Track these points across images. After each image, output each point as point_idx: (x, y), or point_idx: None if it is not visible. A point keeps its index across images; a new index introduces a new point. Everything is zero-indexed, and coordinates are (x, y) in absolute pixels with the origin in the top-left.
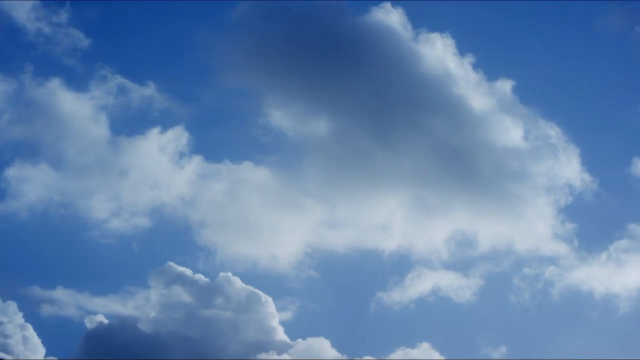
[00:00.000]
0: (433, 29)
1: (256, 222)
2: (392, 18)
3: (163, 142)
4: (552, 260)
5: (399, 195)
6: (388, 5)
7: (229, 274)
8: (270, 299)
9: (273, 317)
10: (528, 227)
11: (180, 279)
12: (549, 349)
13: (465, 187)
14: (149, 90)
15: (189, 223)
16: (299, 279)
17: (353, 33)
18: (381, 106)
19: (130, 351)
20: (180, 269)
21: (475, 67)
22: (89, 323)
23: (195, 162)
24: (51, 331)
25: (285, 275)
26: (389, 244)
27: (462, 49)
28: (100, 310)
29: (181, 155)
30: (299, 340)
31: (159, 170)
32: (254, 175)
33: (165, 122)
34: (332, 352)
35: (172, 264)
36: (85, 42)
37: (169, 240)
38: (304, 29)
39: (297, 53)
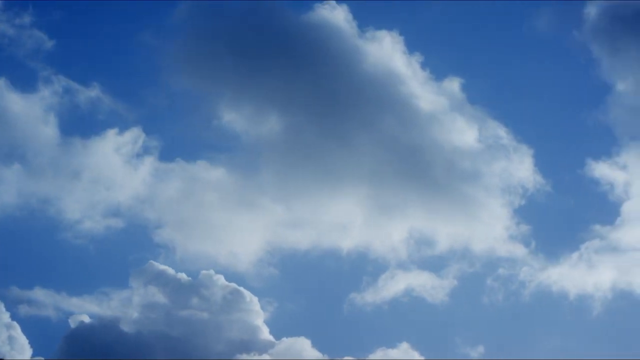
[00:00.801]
0: (380, 27)
1: (214, 221)
2: (337, 15)
3: (115, 143)
4: (511, 261)
5: (356, 194)
6: (332, 2)
7: (212, 271)
8: (255, 298)
9: (258, 315)
10: (484, 228)
11: (161, 277)
12: (525, 348)
13: (420, 187)
14: (95, 92)
15: (146, 223)
16: (260, 277)
17: (297, 31)
18: (330, 104)
19: (113, 351)
20: (162, 267)
21: (424, 65)
22: (73, 323)
23: (149, 163)
24: (36, 331)
25: (247, 274)
26: (349, 243)
27: (411, 48)
28: (80, 310)
29: (134, 155)
30: (284, 339)
31: (113, 171)
32: (209, 174)
33: (114, 123)
34: (313, 352)
35: (153, 262)
36: (28, 43)
37: (128, 240)
38: (247, 27)
39: (242, 52)
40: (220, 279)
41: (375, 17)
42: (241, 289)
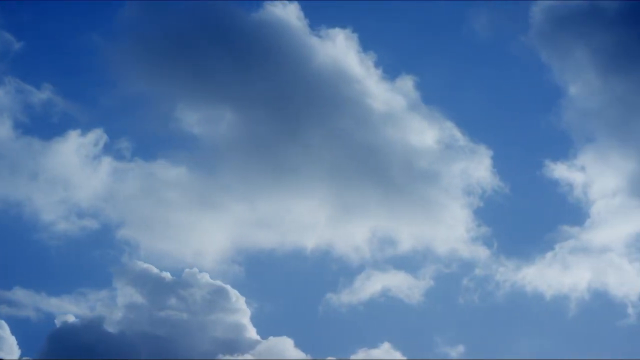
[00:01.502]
0: (332, 25)
1: (177, 220)
2: (289, 14)
3: (72, 144)
4: (474, 262)
5: (318, 193)
6: (284, 1)
7: (195, 269)
8: (242, 298)
9: (244, 314)
10: (446, 229)
11: (145, 276)
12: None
13: (381, 187)
14: (47, 93)
15: (108, 222)
16: (226, 276)
17: (249, 29)
18: (285, 103)
19: (96, 351)
20: (145, 265)
21: (377, 64)
22: (59, 323)
23: (107, 163)
24: (23, 331)
25: (213, 273)
26: (313, 242)
27: (365, 46)
28: (61, 310)
29: (92, 156)
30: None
31: (71, 172)
32: (169, 173)
33: (69, 124)
34: (297, 352)
35: (137, 261)
36: None
37: (91, 240)
38: (198, 27)
39: (195, 51)
40: (205, 277)
41: (327, 15)
42: (227, 286)
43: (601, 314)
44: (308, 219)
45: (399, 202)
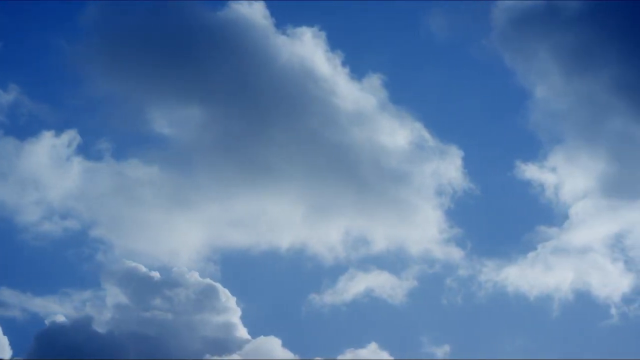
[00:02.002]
0: (299, 24)
1: (151, 219)
2: (254, 13)
3: (42, 145)
4: (448, 263)
5: (291, 193)
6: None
7: (184, 268)
8: (233, 298)
9: (234, 312)
10: (419, 230)
11: (133, 275)
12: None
13: (353, 187)
14: (13, 94)
15: (84, 223)
16: (203, 275)
17: (214, 28)
18: (253, 103)
19: (85, 352)
20: (133, 264)
21: (344, 63)
22: (49, 323)
23: (78, 163)
24: (11, 332)
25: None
26: (287, 242)
27: (332, 45)
28: (47, 310)
29: (62, 157)
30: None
31: (42, 172)
32: (142, 173)
33: (37, 125)
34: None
35: (125, 261)
36: None
37: (70, 240)
38: (162, 26)
39: (160, 50)
40: (194, 276)
41: (293, 14)
42: (217, 284)
43: (584, 314)
44: (282, 218)
45: (372, 202)
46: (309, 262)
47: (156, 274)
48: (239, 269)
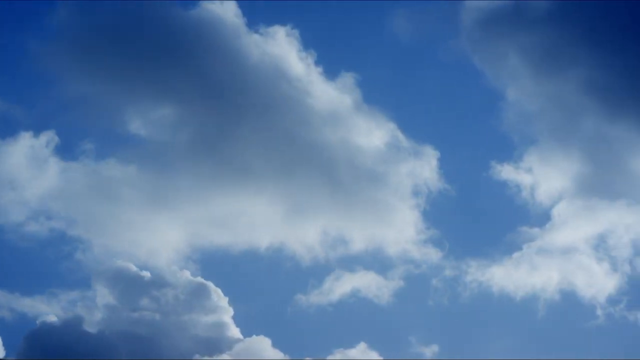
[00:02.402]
0: (271, 23)
1: (130, 219)
2: (226, 11)
3: (18, 146)
4: (427, 263)
5: (269, 192)
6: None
7: (176, 267)
8: (226, 298)
9: (226, 311)
10: (396, 230)
11: (123, 275)
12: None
13: (329, 187)
14: None
15: (60, 222)
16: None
17: (186, 27)
18: (226, 102)
19: (75, 351)
20: (124, 264)
21: (318, 62)
22: (40, 323)
23: (55, 163)
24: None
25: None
26: (267, 241)
27: (305, 44)
28: (36, 311)
29: (39, 158)
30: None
31: (19, 173)
32: (120, 172)
33: (10, 126)
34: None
35: (116, 261)
36: None
37: (52, 240)
38: (134, 25)
39: (132, 50)
40: (185, 274)
41: (265, 13)
42: (209, 283)
43: (570, 314)
44: (260, 218)
45: (349, 202)
46: (288, 261)
47: (147, 274)
48: (220, 268)
